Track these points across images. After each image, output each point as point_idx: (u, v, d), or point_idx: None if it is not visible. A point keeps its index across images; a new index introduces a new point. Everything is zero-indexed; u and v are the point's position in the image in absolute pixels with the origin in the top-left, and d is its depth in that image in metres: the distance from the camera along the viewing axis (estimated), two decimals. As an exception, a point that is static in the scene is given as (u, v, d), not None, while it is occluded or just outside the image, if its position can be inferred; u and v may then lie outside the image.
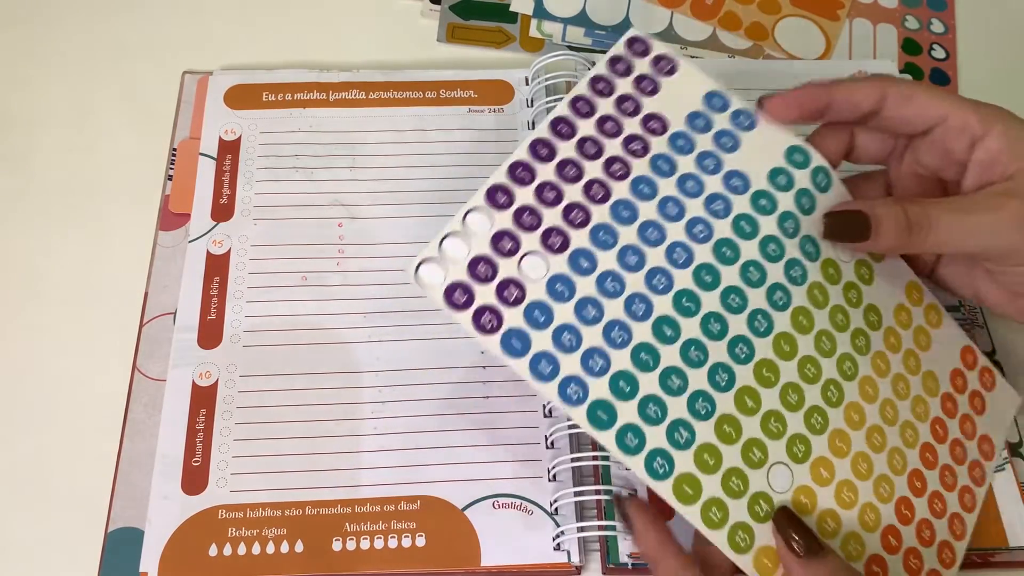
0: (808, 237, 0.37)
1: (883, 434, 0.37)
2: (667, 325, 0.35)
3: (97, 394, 0.42)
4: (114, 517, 0.39)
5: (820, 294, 0.37)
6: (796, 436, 0.35)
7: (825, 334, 0.37)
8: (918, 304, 0.40)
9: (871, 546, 0.35)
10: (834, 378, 0.37)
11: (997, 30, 0.55)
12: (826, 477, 0.35)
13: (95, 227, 0.46)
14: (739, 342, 0.35)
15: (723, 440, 0.34)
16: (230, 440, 0.40)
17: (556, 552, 0.38)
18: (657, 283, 0.35)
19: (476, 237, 0.34)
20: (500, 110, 0.48)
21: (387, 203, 0.46)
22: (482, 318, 0.33)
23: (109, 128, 0.49)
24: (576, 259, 0.35)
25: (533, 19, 0.52)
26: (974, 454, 0.39)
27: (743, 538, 0.33)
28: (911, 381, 0.38)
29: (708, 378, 0.34)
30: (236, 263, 0.44)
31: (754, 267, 0.36)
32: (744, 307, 0.36)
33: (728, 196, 0.37)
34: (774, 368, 0.36)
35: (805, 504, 0.35)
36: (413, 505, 0.39)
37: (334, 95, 0.48)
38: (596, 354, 0.34)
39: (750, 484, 0.34)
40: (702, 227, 0.36)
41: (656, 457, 0.33)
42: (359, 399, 0.41)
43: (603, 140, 0.37)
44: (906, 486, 0.37)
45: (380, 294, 0.43)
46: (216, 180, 0.46)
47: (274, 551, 0.38)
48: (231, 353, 0.42)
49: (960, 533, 0.38)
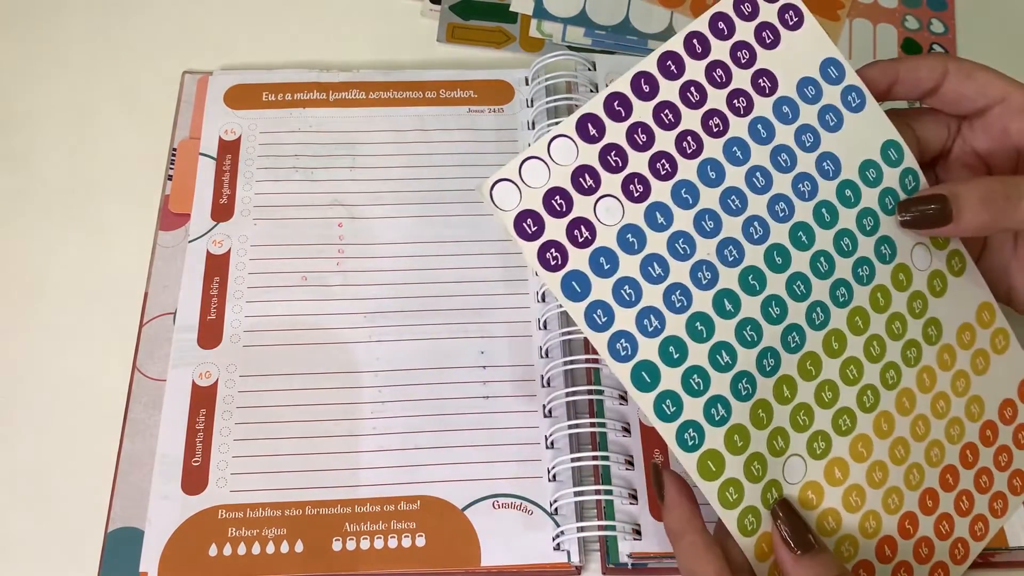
0: (885, 238, 0.36)
1: (907, 448, 0.36)
2: (728, 299, 0.34)
3: (97, 394, 0.42)
4: (114, 517, 0.39)
5: (883, 298, 0.36)
6: (820, 432, 0.35)
7: (877, 339, 0.36)
8: (986, 327, 0.39)
9: (864, 551, 0.35)
10: (874, 384, 0.36)
11: (997, 30, 0.55)
12: (838, 478, 0.35)
13: (95, 227, 0.46)
14: (793, 331, 0.35)
15: (755, 424, 0.34)
16: (230, 440, 0.40)
17: (556, 552, 0.38)
18: (728, 254, 0.34)
19: (558, 167, 0.33)
20: (500, 110, 0.48)
21: (387, 203, 0.46)
22: (547, 253, 0.32)
23: (109, 128, 0.49)
24: (652, 212, 0.33)
25: (533, 19, 0.52)
26: (1001, 486, 0.38)
27: (751, 522, 0.33)
28: (953, 402, 0.38)
29: (756, 361, 0.34)
30: (236, 263, 0.44)
31: (825, 258, 0.35)
32: (807, 296, 0.35)
33: (816, 179, 0.36)
34: (818, 363, 0.35)
35: (811, 499, 0.34)
36: (413, 505, 0.39)
37: (334, 95, 0.48)
38: (652, 314, 0.33)
39: (768, 471, 0.34)
40: (784, 206, 0.35)
41: (688, 428, 0.33)
42: (359, 399, 0.41)
43: (708, 88, 0.35)
44: (916, 502, 0.37)
45: (380, 294, 0.43)
46: (216, 180, 0.46)
47: (274, 551, 0.38)
48: (231, 353, 0.42)
49: (961, 558, 0.38)
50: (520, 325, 0.43)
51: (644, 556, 0.38)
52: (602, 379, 0.41)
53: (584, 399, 0.41)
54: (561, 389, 0.41)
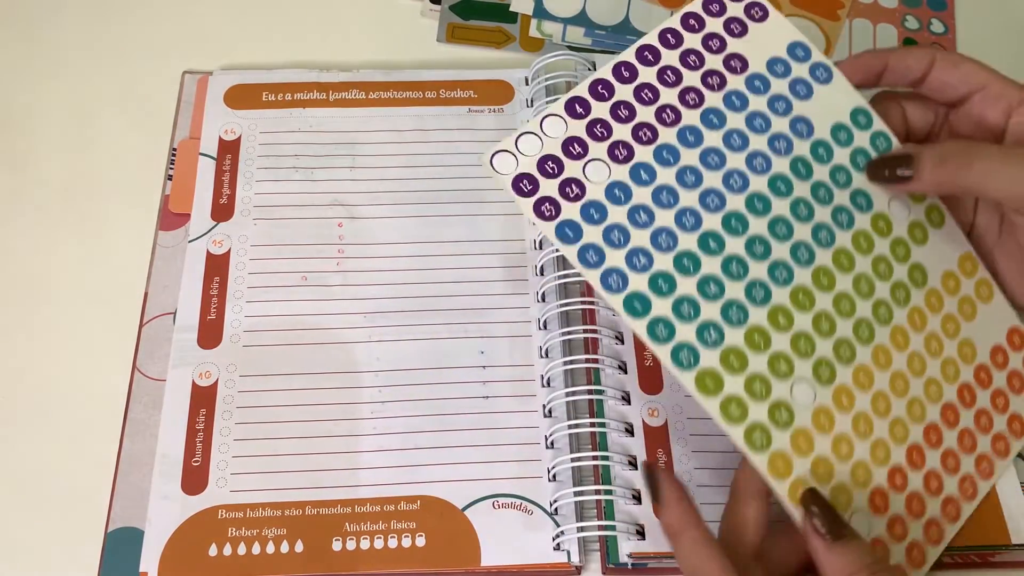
0: (860, 191, 0.39)
1: (906, 382, 0.38)
2: (713, 239, 0.37)
3: (97, 394, 0.42)
4: (114, 517, 0.39)
5: (865, 241, 0.39)
6: (823, 360, 0.37)
7: (864, 277, 0.38)
8: (969, 276, 0.41)
9: (877, 479, 0.37)
10: (867, 318, 0.38)
11: (996, 30, 0.55)
12: (846, 405, 0.37)
13: (95, 227, 0.46)
14: (780, 266, 0.37)
15: (751, 347, 0.36)
16: (230, 440, 0.40)
17: (556, 552, 0.38)
18: (710, 202, 0.37)
19: (549, 139, 0.37)
20: (500, 110, 0.48)
21: (387, 203, 0.46)
22: (542, 206, 0.36)
23: (109, 128, 0.49)
24: (636, 170, 0.37)
25: (533, 19, 0.52)
26: (1001, 427, 0.40)
27: (760, 438, 0.35)
28: (945, 343, 0.39)
29: (745, 291, 0.37)
30: (236, 263, 0.44)
31: (804, 204, 0.38)
32: (789, 236, 0.38)
33: (791, 137, 0.39)
34: (810, 295, 0.37)
35: (824, 424, 0.36)
36: (413, 505, 0.39)
37: (334, 95, 0.48)
38: (640, 253, 0.36)
39: (772, 391, 0.36)
40: (762, 160, 0.38)
41: (683, 349, 0.35)
42: (359, 399, 0.41)
43: (683, 71, 0.39)
44: (921, 435, 0.38)
45: (380, 294, 0.43)
46: (216, 180, 0.46)
47: (274, 551, 0.38)
48: (231, 353, 0.42)
49: (971, 494, 0.38)
50: (520, 325, 0.43)
51: (644, 556, 0.38)
52: (602, 380, 0.41)
53: (584, 399, 0.41)
54: (561, 389, 0.41)
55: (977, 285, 0.41)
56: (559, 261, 0.44)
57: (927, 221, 0.40)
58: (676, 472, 0.39)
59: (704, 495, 0.39)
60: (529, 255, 0.44)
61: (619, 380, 0.41)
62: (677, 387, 0.41)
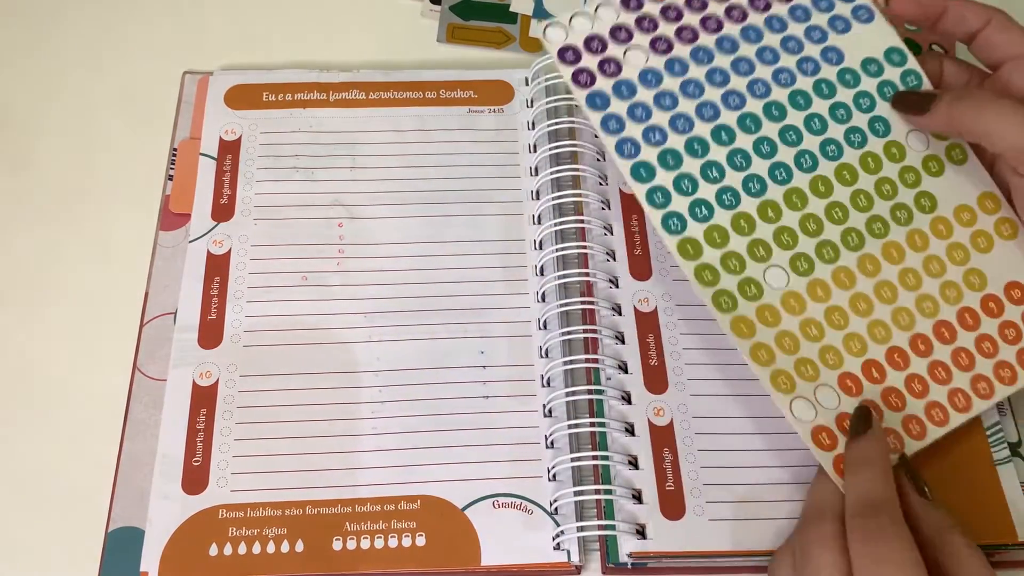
0: (880, 118, 0.42)
1: (895, 292, 0.40)
2: (725, 132, 0.41)
3: (97, 394, 0.42)
4: (114, 517, 0.39)
5: (873, 162, 0.41)
6: (802, 255, 0.40)
7: (864, 193, 0.41)
8: (989, 213, 0.42)
9: (849, 365, 0.39)
10: (859, 229, 0.41)
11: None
12: (820, 296, 0.39)
13: (95, 227, 0.46)
14: (781, 167, 0.41)
15: (736, 229, 0.40)
16: (230, 440, 0.40)
17: (556, 552, 0.38)
18: (731, 101, 0.42)
19: (600, 22, 0.42)
20: (500, 110, 0.48)
21: (387, 203, 0.46)
22: (580, 75, 0.41)
23: (109, 128, 0.49)
24: (672, 63, 0.42)
25: (533, 19, 0.52)
26: (1008, 356, 0.40)
27: (727, 302, 0.39)
28: (948, 267, 0.41)
29: (742, 181, 0.40)
30: (236, 263, 0.44)
31: (819, 119, 0.42)
32: (798, 143, 0.41)
33: (819, 62, 0.42)
34: (804, 198, 0.41)
35: (793, 306, 0.39)
36: (413, 505, 0.39)
37: (334, 95, 0.48)
38: (657, 131, 0.41)
39: (746, 269, 0.39)
40: (787, 76, 0.42)
41: (673, 217, 0.40)
42: (359, 399, 0.41)
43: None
44: (907, 341, 0.40)
45: (380, 294, 0.43)
46: (216, 180, 0.46)
47: (274, 551, 0.38)
48: (231, 353, 0.42)
49: (963, 406, 0.39)
50: (520, 325, 0.43)
51: (644, 556, 0.38)
52: (602, 380, 0.41)
53: (584, 399, 0.41)
54: (561, 389, 0.41)
55: (998, 222, 0.42)
56: (559, 261, 0.44)
57: (946, 157, 0.42)
58: (682, 471, 0.39)
59: (710, 494, 0.39)
60: (529, 255, 0.45)
61: (619, 380, 0.41)
62: (682, 386, 0.41)
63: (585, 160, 0.46)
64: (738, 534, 0.38)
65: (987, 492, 0.40)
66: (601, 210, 0.45)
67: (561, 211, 0.45)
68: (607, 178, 0.46)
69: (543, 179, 0.46)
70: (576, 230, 0.45)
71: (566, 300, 0.43)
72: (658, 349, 0.42)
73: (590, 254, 0.44)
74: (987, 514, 0.39)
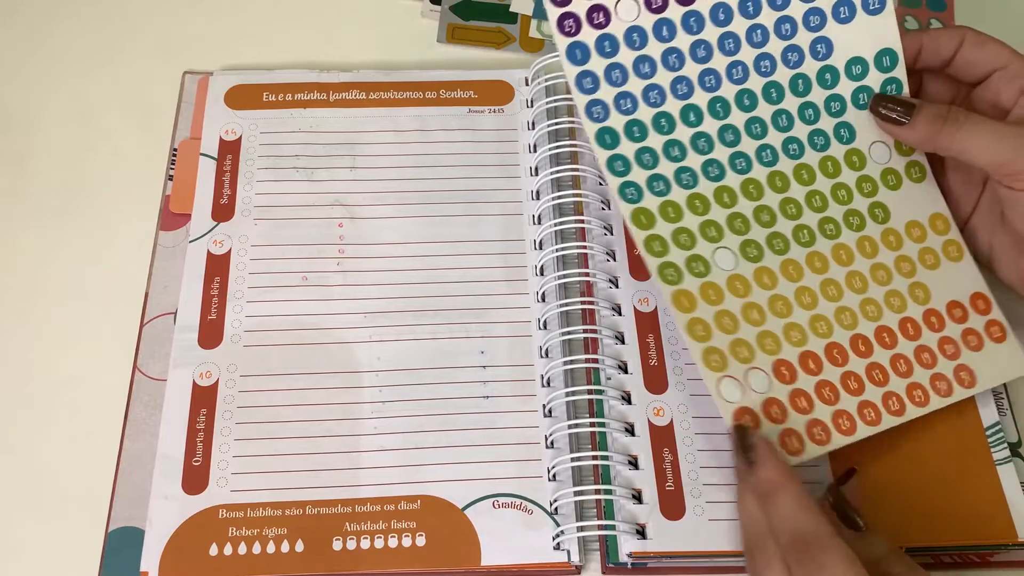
0: (847, 124, 0.42)
1: (840, 291, 0.40)
2: (694, 112, 0.41)
3: (97, 394, 0.42)
4: (114, 517, 0.39)
5: (832, 167, 0.42)
6: (753, 242, 0.41)
7: (819, 195, 0.42)
8: (939, 233, 0.42)
9: (786, 353, 0.39)
10: (811, 227, 0.41)
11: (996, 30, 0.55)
12: (767, 283, 0.40)
13: (95, 227, 0.46)
14: (741, 157, 0.41)
15: (691, 209, 0.41)
16: (230, 440, 0.40)
17: (556, 551, 0.38)
18: (707, 81, 0.41)
19: None
20: (500, 110, 0.48)
21: (387, 203, 0.46)
22: (567, 21, 0.40)
23: (109, 128, 0.49)
24: (660, 25, 0.41)
25: (533, 19, 0.52)
26: (945, 370, 0.40)
27: (672, 274, 0.39)
28: (895, 278, 0.41)
29: (702, 166, 0.41)
30: (236, 263, 0.44)
31: (786, 117, 0.42)
32: (761, 137, 0.42)
33: (805, 53, 0.42)
34: (760, 189, 0.41)
35: (738, 289, 0.40)
36: (413, 505, 0.39)
37: (334, 95, 0.48)
38: (629, 99, 0.41)
39: (696, 247, 0.40)
40: (768, 63, 0.42)
41: (631, 187, 0.41)
42: (359, 399, 0.41)
43: None
44: (847, 340, 0.40)
45: (380, 294, 0.43)
46: (216, 180, 0.46)
47: (274, 551, 0.38)
48: (231, 353, 0.42)
49: (896, 410, 0.40)
50: (520, 325, 0.43)
51: (644, 556, 0.38)
52: (602, 380, 0.41)
53: (584, 399, 0.41)
54: (561, 389, 0.41)
55: (946, 243, 0.42)
56: (559, 261, 0.44)
57: (905, 173, 0.43)
58: (682, 471, 0.39)
59: (710, 494, 0.39)
60: (529, 255, 0.45)
61: (619, 380, 0.41)
62: (682, 386, 0.41)
63: (585, 160, 0.46)
64: (737, 534, 0.38)
65: (987, 492, 0.40)
66: (601, 210, 0.45)
67: (561, 211, 0.45)
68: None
69: (543, 179, 0.46)
70: (576, 230, 0.45)
71: (566, 300, 0.43)
72: (658, 349, 0.42)
73: (590, 254, 0.44)
74: (987, 514, 0.39)
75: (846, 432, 0.39)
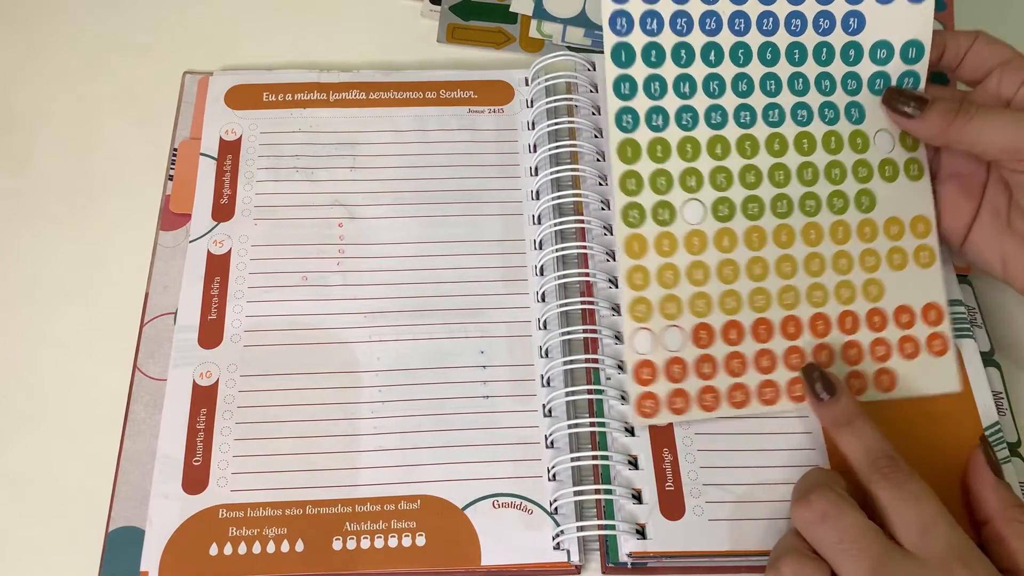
0: (858, 105, 0.42)
1: (794, 269, 0.41)
2: (715, 51, 0.41)
3: (97, 394, 0.42)
4: (114, 517, 0.39)
5: (835, 143, 0.42)
6: (727, 200, 0.41)
7: (813, 168, 0.42)
8: (916, 236, 0.42)
9: (712, 319, 0.40)
10: (792, 199, 0.41)
11: (996, 30, 0.55)
12: (726, 246, 0.40)
13: (95, 227, 0.46)
14: (748, 111, 0.41)
15: (680, 153, 0.41)
16: (231, 440, 0.40)
17: (556, 551, 0.38)
18: (736, 23, 0.41)
19: None
20: (500, 111, 0.48)
21: (387, 203, 0.46)
22: None
23: (109, 128, 0.49)
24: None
25: (533, 20, 0.52)
26: (867, 370, 0.41)
27: (634, 217, 0.40)
28: (855, 269, 0.41)
29: (706, 110, 0.41)
30: (236, 263, 0.44)
31: (802, 80, 0.42)
32: (774, 95, 0.41)
33: (836, 22, 0.42)
34: (755, 148, 0.41)
35: (694, 244, 0.40)
36: (413, 505, 0.39)
37: (334, 95, 0.48)
38: (656, 19, 0.41)
39: (669, 193, 0.40)
40: (799, 22, 0.41)
41: (629, 114, 0.41)
42: (359, 399, 0.41)
43: None
44: (780, 319, 0.40)
45: (380, 294, 0.43)
46: (217, 180, 0.46)
47: (274, 550, 0.38)
48: (232, 353, 0.42)
49: (797, 396, 0.40)
50: (520, 325, 0.43)
51: (644, 555, 0.38)
52: (602, 380, 0.41)
53: (584, 399, 0.41)
54: (561, 389, 0.41)
55: (920, 247, 0.42)
56: (559, 261, 0.44)
57: (904, 167, 0.42)
58: (681, 471, 0.39)
59: (710, 494, 0.39)
60: (529, 255, 0.45)
61: (619, 380, 0.41)
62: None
63: (585, 160, 0.46)
64: (737, 534, 0.38)
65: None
66: (601, 210, 0.45)
67: (561, 211, 0.45)
68: (607, 178, 0.46)
69: (543, 179, 0.46)
70: (576, 230, 0.45)
71: (566, 300, 0.43)
72: (658, 349, 0.42)
73: (590, 254, 0.44)
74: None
75: (737, 404, 0.39)
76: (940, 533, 0.33)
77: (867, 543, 0.33)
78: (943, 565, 0.32)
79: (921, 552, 0.33)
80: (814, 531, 0.35)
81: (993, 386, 0.42)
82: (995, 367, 0.43)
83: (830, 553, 0.34)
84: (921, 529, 0.33)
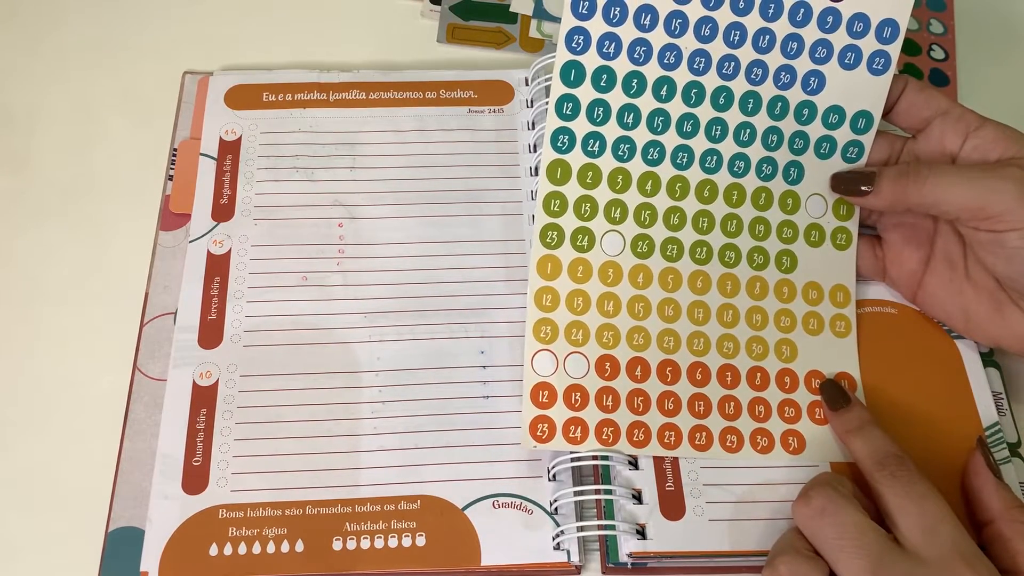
0: (799, 165, 0.42)
1: (707, 317, 0.40)
2: (667, 86, 0.40)
3: (97, 394, 0.42)
4: (114, 517, 0.39)
5: (765, 200, 0.41)
6: (647, 238, 0.41)
7: (738, 221, 0.41)
8: (836, 305, 0.42)
9: (619, 353, 0.39)
10: (711, 247, 0.41)
11: (996, 31, 0.55)
12: (640, 283, 0.40)
13: (95, 227, 0.46)
14: (685, 152, 0.41)
15: (610, 183, 0.40)
16: (230, 440, 0.40)
17: (556, 551, 0.38)
18: (696, 62, 0.40)
19: None
20: (500, 111, 0.48)
21: (387, 203, 0.46)
22: None
23: (110, 128, 0.49)
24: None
25: (533, 20, 0.52)
26: (775, 431, 0.40)
27: (552, 238, 0.40)
28: (769, 327, 0.41)
29: (645, 146, 0.41)
30: (236, 263, 0.44)
31: (749, 132, 0.41)
32: (718, 141, 0.41)
33: (796, 79, 0.41)
34: (685, 191, 0.41)
35: (608, 275, 0.40)
36: (413, 505, 0.39)
37: (334, 95, 0.48)
38: (614, 42, 0.40)
39: (591, 221, 0.40)
40: (760, 72, 0.41)
41: (565, 134, 0.40)
42: (359, 399, 0.41)
43: None
44: (687, 364, 0.40)
45: (380, 294, 0.43)
46: (216, 180, 0.46)
47: (274, 551, 0.38)
48: (231, 353, 0.42)
49: (703, 446, 0.39)
50: (520, 325, 0.43)
51: (644, 555, 0.38)
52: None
53: (584, 399, 0.41)
54: (561, 389, 0.41)
55: (837, 316, 0.42)
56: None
57: (831, 235, 0.42)
58: (681, 471, 0.39)
59: (710, 494, 0.39)
60: (529, 255, 0.45)
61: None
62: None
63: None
64: (737, 534, 0.38)
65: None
66: (601, 210, 0.45)
67: (561, 211, 0.45)
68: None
69: (543, 179, 0.46)
70: (576, 230, 0.45)
71: (566, 300, 0.43)
72: (658, 349, 0.42)
73: (590, 254, 0.44)
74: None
75: (637, 444, 0.39)
76: (944, 533, 0.33)
77: (866, 541, 0.33)
78: (946, 565, 0.33)
79: (924, 552, 0.33)
80: (812, 526, 0.35)
81: (993, 386, 0.42)
82: (995, 367, 0.43)
83: (828, 550, 0.34)
84: (925, 529, 0.33)
